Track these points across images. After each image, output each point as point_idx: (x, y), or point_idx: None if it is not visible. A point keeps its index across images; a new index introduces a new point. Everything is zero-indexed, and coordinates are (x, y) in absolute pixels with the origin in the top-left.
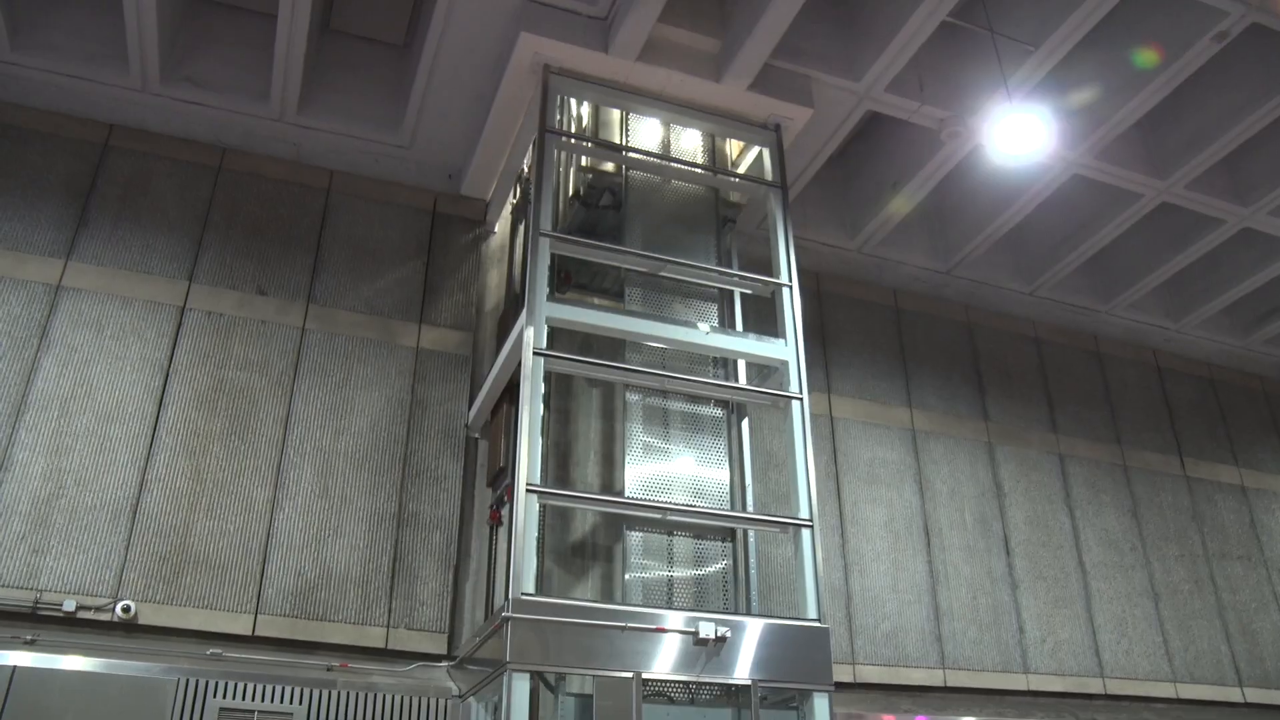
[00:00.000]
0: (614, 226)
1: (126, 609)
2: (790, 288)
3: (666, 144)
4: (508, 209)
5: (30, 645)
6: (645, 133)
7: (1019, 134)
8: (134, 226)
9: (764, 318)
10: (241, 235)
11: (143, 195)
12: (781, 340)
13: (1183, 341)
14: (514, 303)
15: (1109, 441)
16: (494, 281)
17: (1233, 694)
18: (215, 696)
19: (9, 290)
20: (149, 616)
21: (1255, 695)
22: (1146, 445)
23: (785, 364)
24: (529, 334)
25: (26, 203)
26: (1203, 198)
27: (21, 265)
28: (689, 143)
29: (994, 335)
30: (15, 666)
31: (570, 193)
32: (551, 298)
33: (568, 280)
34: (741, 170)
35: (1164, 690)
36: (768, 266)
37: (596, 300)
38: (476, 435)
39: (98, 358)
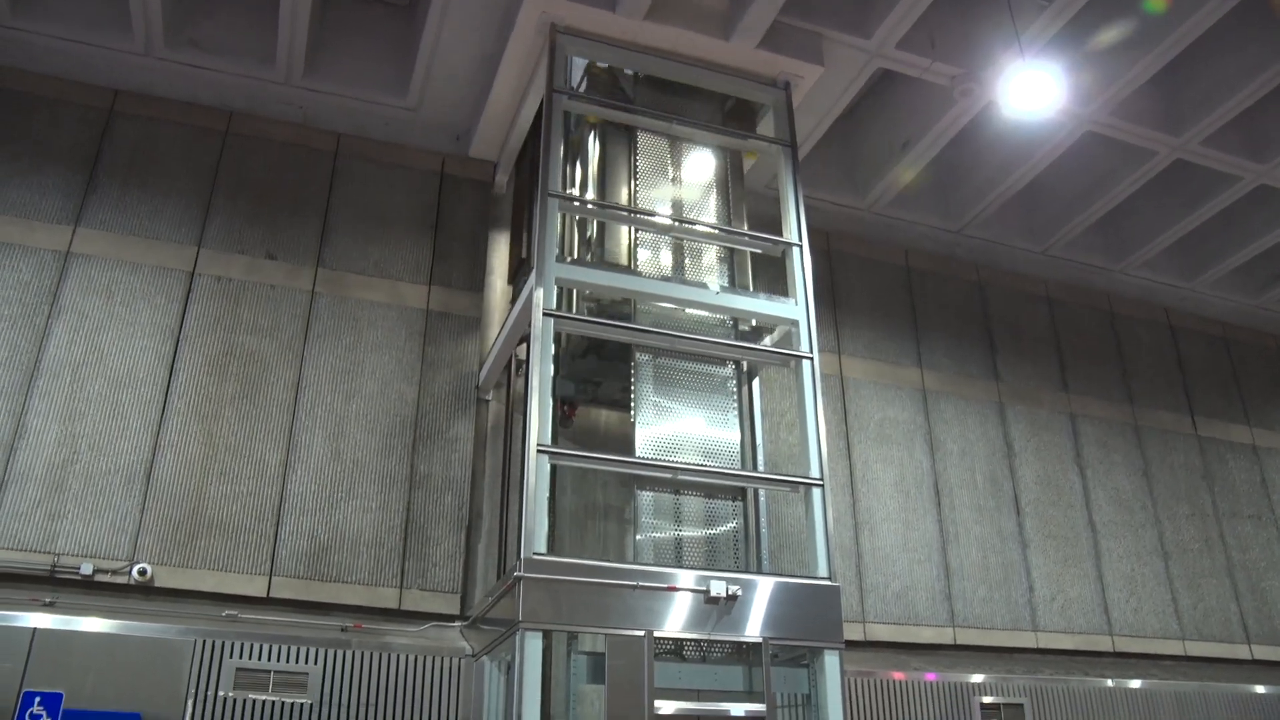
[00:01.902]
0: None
1: (143, 572)
2: (800, 247)
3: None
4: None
5: (49, 607)
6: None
7: (1032, 91)
8: (142, 192)
9: (775, 279)
10: (249, 199)
11: (150, 160)
12: (791, 300)
13: (1196, 300)
14: (523, 265)
15: (1121, 401)
16: (503, 243)
17: (1240, 651)
18: (232, 657)
19: (18, 257)
20: (165, 579)
21: (1263, 652)
22: (1158, 404)
23: (795, 324)
24: (538, 295)
25: (33, 169)
26: (1218, 154)
27: (30, 232)
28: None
29: (1005, 295)
30: (36, 628)
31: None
32: (560, 259)
33: (571, 414)
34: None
35: (1172, 648)
36: (777, 226)
37: (605, 413)
38: (487, 397)
39: (108, 324)
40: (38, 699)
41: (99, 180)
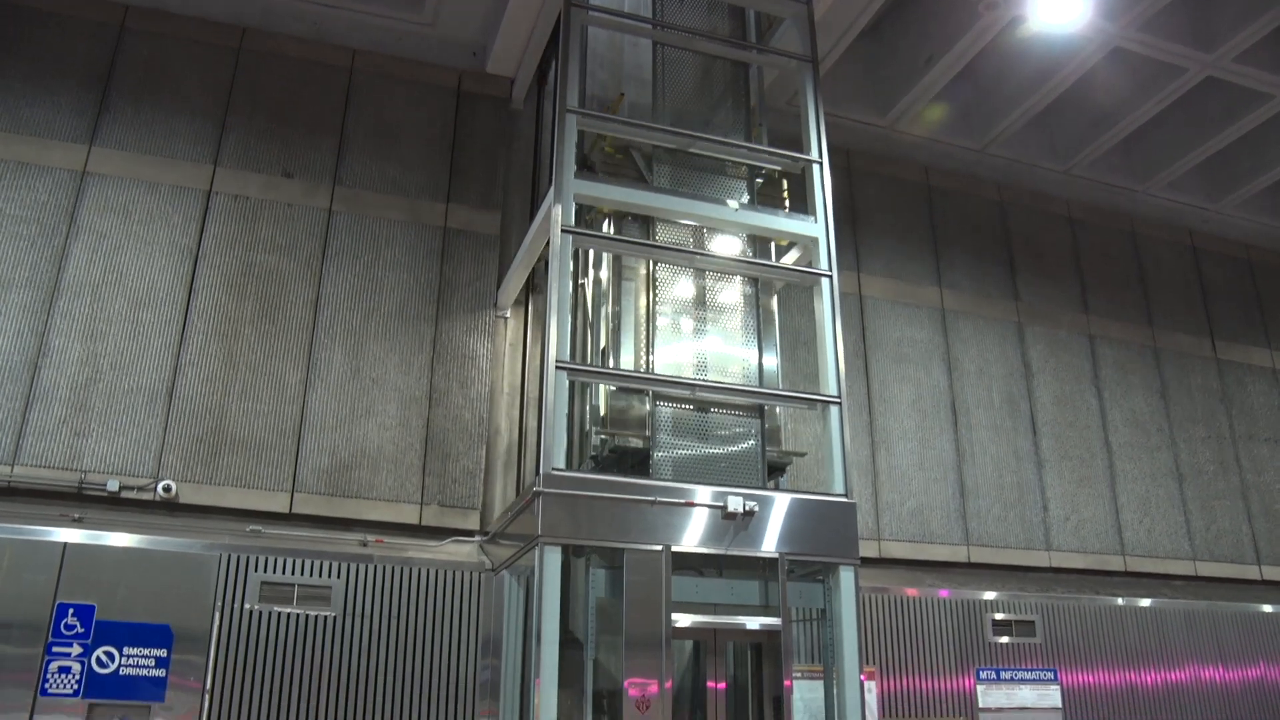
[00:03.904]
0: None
1: (168, 488)
2: (820, 164)
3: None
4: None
5: (78, 523)
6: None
7: (1058, 4)
8: (156, 110)
9: (794, 198)
10: (264, 117)
11: (162, 78)
12: (811, 218)
13: (1221, 222)
14: (541, 181)
15: (1140, 323)
16: (521, 160)
17: (1250, 572)
18: (256, 571)
19: (35, 177)
20: (189, 495)
21: (1273, 573)
22: (1178, 327)
23: (815, 241)
24: (557, 211)
25: (45, 88)
26: (1251, 71)
27: (45, 151)
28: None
29: (1027, 214)
30: (66, 543)
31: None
32: (579, 174)
33: None
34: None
35: (1183, 568)
36: (798, 144)
37: None
38: (505, 314)
39: (126, 243)
40: (71, 610)
41: (112, 99)
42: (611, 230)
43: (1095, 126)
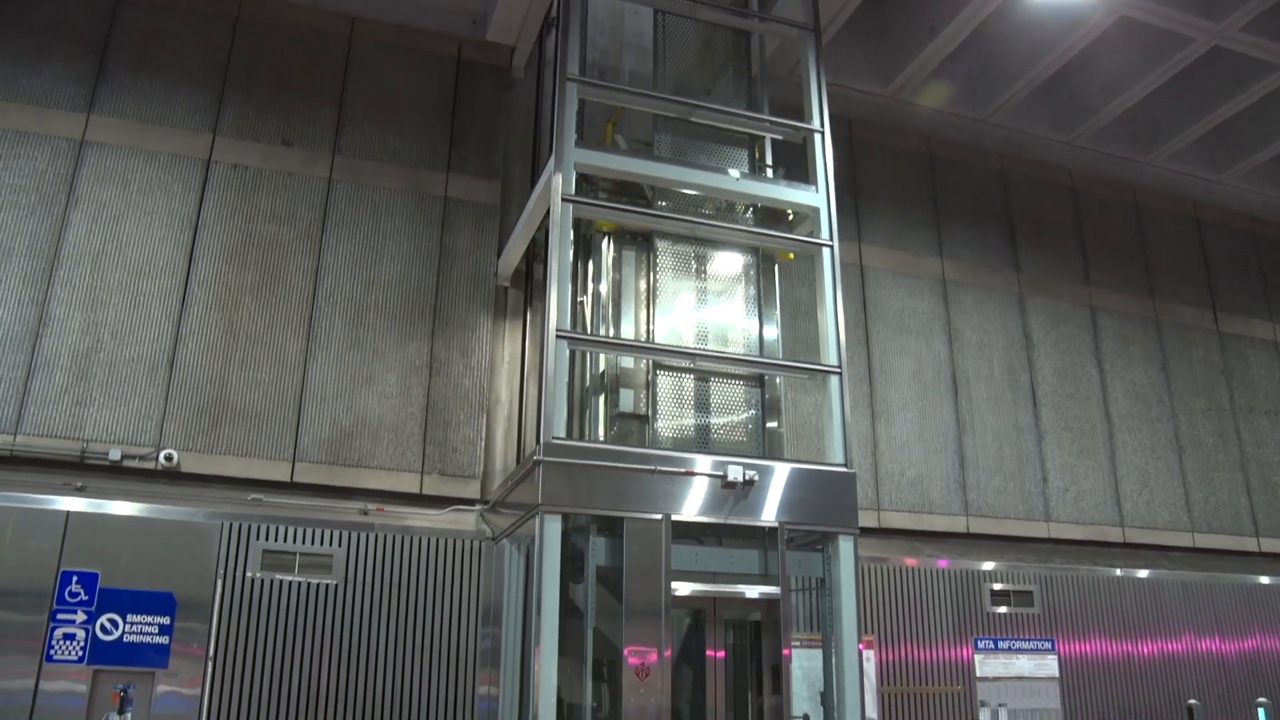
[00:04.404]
0: None
1: (169, 457)
2: (822, 133)
3: None
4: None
5: (81, 492)
6: None
7: None
8: (154, 79)
9: (794, 168)
10: (263, 86)
11: (161, 47)
12: (812, 187)
13: (1225, 194)
14: (542, 149)
15: (1142, 295)
16: (521, 129)
17: (1249, 544)
18: (258, 539)
19: (33, 145)
20: (191, 465)
21: (1271, 545)
22: (1180, 299)
23: (816, 211)
24: (557, 180)
25: (42, 57)
26: (1258, 40)
27: (44, 120)
28: None
29: (1029, 185)
30: (69, 511)
31: None
32: (580, 144)
33: None
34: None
35: (1181, 540)
36: (800, 114)
37: None
38: (506, 284)
39: (126, 213)
40: (75, 578)
41: (109, 68)
42: (613, 255)
43: (1100, 96)
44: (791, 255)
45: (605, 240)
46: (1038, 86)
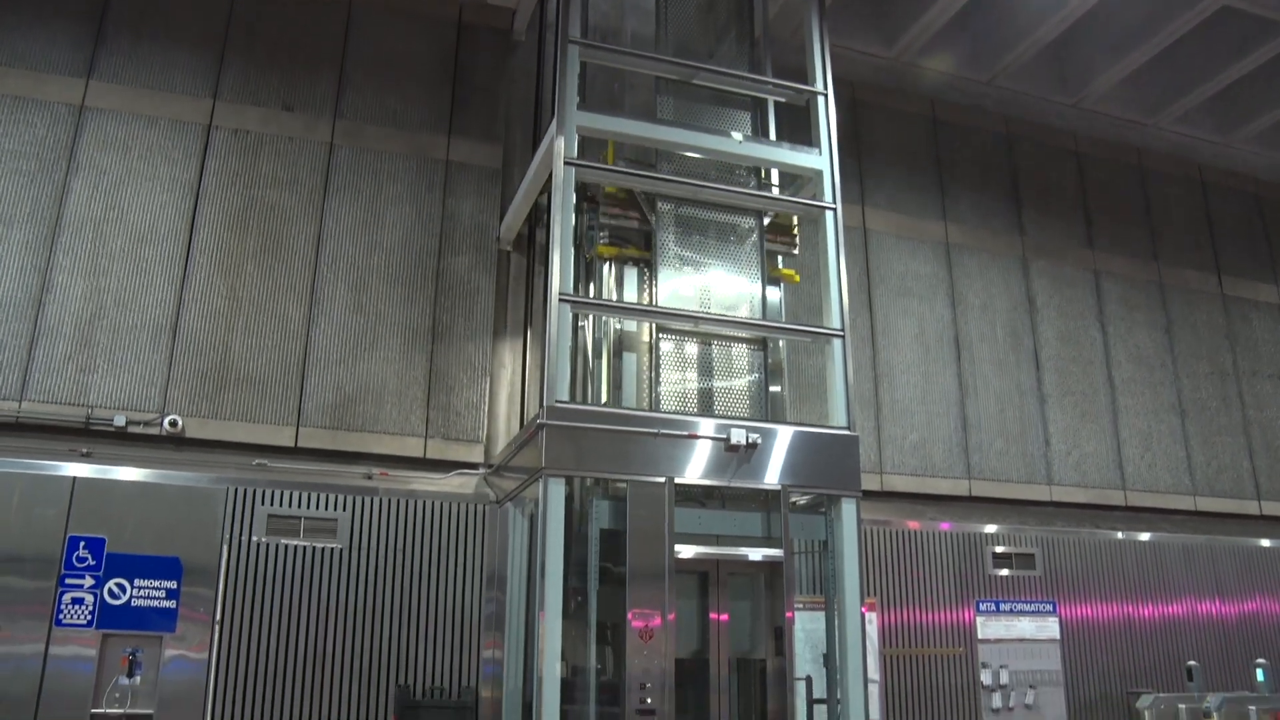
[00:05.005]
0: None
1: (174, 423)
2: (825, 96)
3: None
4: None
5: (86, 458)
6: None
7: None
8: (153, 43)
9: (798, 131)
10: (263, 49)
11: (160, 10)
12: (815, 150)
13: (1231, 157)
14: (543, 113)
15: (1146, 258)
16: (522, 92)
17: (1250, 507)
18: (263, 504)
19: (32, 111)
20: (195, 430)
21: (1272, 508)
22: (1185, 263)
23: (819, 174)
24: (559, 144)
25: (40, 21)
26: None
27: (42, 85)
28: None
29: (1034, 148)
30: (75, 477)
31: None
32: (582, 106)
33: None
34: None
35: (1183, 503)
36: (803, 76)
37: None
38: (508, 248)
39: (127, 179)
40: (82, 543)
41: (108, 32)
42: (614, 277)
43: (1106, 59)
44: (797, 277)
45: (607, 265)
46: (1043, 49)
